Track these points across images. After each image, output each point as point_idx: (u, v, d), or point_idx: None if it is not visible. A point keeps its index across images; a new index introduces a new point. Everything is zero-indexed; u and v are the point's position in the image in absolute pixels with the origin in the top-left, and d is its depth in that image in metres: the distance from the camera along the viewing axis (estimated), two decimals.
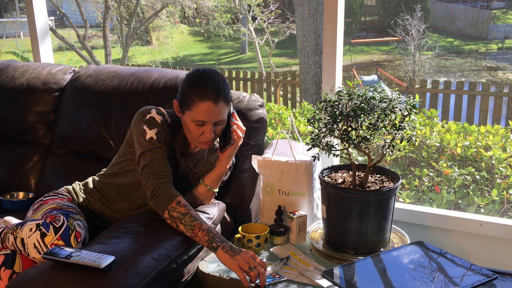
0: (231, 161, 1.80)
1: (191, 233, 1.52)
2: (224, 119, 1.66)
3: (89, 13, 11.52)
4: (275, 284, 1.51)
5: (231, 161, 1.82)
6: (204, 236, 1.51)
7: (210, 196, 1.79)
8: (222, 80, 1.66)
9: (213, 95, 1.60)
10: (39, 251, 1.47)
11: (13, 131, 2.30)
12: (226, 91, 1.65)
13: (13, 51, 9.49)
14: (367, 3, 16.03)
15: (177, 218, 1.54)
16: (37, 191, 2.21)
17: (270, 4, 11.28)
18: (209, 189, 1.77)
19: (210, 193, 1.78)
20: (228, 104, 1.67)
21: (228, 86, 1.68)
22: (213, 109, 1.60)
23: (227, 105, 1.66)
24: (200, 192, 1.77)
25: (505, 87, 6.26)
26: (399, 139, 1.57)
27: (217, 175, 1.77)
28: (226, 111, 1.66)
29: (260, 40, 11.31)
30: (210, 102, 1.60)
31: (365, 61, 12.21)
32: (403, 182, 2.84)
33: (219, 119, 1.64)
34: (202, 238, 1.51)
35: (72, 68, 2.37)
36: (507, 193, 2.62)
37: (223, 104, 1.63)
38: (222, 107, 1.63)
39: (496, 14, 16.27)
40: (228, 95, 1.66)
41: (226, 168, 1.78)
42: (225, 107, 1.65)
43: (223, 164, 1.76)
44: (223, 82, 1.65)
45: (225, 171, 1.79)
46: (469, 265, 1.45)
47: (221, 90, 1.62)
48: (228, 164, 1.77)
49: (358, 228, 1.61)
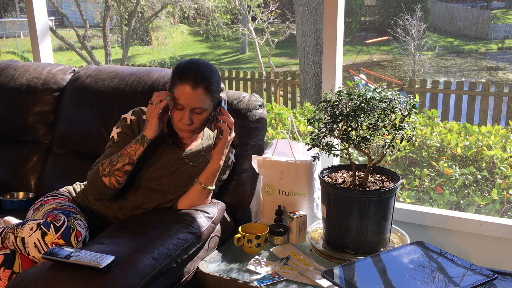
0: (223, 156, 1.74)
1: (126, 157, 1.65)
2: (203, 108, 1.66)
3: (88, 13, 11.52)
4: (275, 284, 1.51)
5: (226, 157, 1.81)
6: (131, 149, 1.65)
7: (206, 194, 1.77)
8: (209, 70, 1.67)
9: (193, 79, 1.63)
10: (39, 250, 1.47)
11: (13, 131, 2.29)
12: (209, 80, 1.65)
13: (13, 51, 9.50)
14: (367, 3, 16.03)
15: (108, 166, 1.65)
16: (37, 191, 2.21)
17: (270, 4, 11.29)
18: (204, 187, 1.74)
19: (206, 191, 1.76)
20: (211, 94, 1.66)
21: (216, 79, 1.68)
22: (190, 93, 1.63)
23: (209, 95, 1.66)
24: (196, 191, 1.75)
25: (505, 87, 6.26)
26: (399, 139, 1.57)
27: (210, 172, 1.74)
28: (207, 101, 1.66)
29: (260, 40, 11.32)
30: (188, 85, 1.63)
31: (365, 61, 12.20)
32: (403, 182, 2.84)
33: (196, 105, 1.64)
34: (132, 150, 1.65)
35: (72, 68, 2.37)
36: (507, 193, 2.62)
37: (202, 92, 1.64)
38: (201, 95, 1.64)
39: (496, 14, 16.27)
40: (212, 86, 1.66)
41: (219, 165, 1.74)
42: (206, 96, 1.65)
43: (215, 160, 1.73)
44: (209, 72, 1.66)
45: (218, 168, 1.75)
46: (469, 265, 1.45)
47: (203, 77, 1.64)
48: (220, 161, 1.73)
49: (358, 228, 1.61)
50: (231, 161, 1.86)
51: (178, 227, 1.59)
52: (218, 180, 1.83)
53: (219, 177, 1.83)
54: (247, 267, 1.62)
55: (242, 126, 1.96)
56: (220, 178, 1.84)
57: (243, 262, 1.66)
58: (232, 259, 1.68)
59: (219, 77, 1.72)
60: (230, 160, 1.85)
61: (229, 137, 1.71)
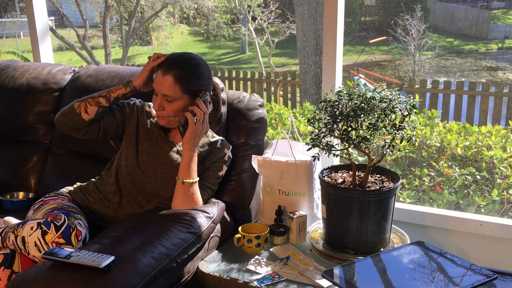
0: (195, 147, 1.70)
1: (105, 91, 1.73)
2: (172, 97, 1.67)
3: (88, 13, 11.52)
4: (275, 284, 1.51)
5: (222, 153, 1.82)
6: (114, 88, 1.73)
7: (187, 188, 1.71)
8: (190, 62, 1.68)
9: (165, 66, 1.67)
10: (39, 249, 1.47)
11: (13, 131, 2.29)
12: (183, 69, 1.66)
13: (13, 51, 9.49)
14: (367, 3, 16.04)
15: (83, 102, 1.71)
16: (37, 191, 2.21)
17: (270, 4, 11.29)
18: (183, 181, 1.70)
19: (186, 185, 1.70)
20: (182, 84, 1.66)
21: (195, 72, 1.68)
22: (160, 78, 1.67)
23: (179, 84, 1.66)
24: (177, 187, 1.72)
25: (505, 87, 6.26)
26: (399, 139, 1.57)
27: (182, 164, 1.71)
28: (176, 90, 1.66)
29: (260, 40, 11.32)
30: (160, 70, 1.68)
31: (365, 61, 12.20)
32: (403, 182, 2.84)
33: (163, 92, 1.67)
34: (113, 88, 1.72)
35: (72, 68, 2.37)
36: (507, 193, 2.63)
37: (171, 79, 1.65)
38: (170, 82, 1.65)
39: (496, 14, 16.28)
40: (185, 76, 1.66)
41: (190, 155, 1.70)
42: (175, 85, 1.66)
43: (184, 151, 1.70)
44: (188, 63, 1.68)
45: (189, 159, 1.70)
46: (469, 265, 1.45)
47: (176, 66, 1.66)
48: (189, 151, 1.69)
49: (358, 228, 1.61)
50: (227, 157, 1.85)
51: (178, 227, 1.59)
52: (215, 176, 1.82)
53: (216, 173, 1.82)
54: (247, 267, 1.63)
55: (242, 126, 1.96)
56: (217, 174, 1.83)
57: (243, 262, 1.66)
58: (232, 259, 1.68)
59: (202, 72, 1.70)
60: (226, 155, 1.85)
61: (195, 127, 1.68)
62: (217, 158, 1.82)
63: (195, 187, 1.73)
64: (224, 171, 1.86)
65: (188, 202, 1.71)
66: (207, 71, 1.74)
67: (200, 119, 1.68)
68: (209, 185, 1.81)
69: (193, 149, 1.71)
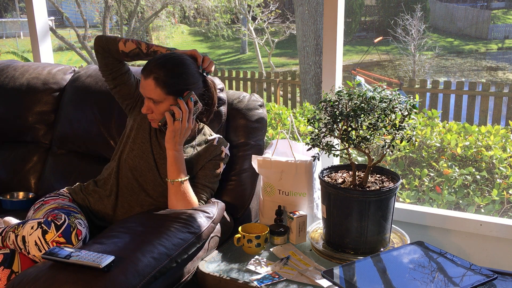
0: (177, 146, 1.70)
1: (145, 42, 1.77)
2: (156, 100, 1.67)
3: (88, 13, 11.52)
4: (275, 284, 1.51)
5: (218, 150, 1.82)
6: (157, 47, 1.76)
7: (177, 188, 1.71)
8: (169, 63, 1.68)
9: (145, 70, 1.68)
10: (40, 249, 1.47)
11: (13, 131, 2.29)
12: (162, 72, 1.66)
13: (13, 51, 9.48)
14: (367, 3, 16.04)
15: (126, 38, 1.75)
16: (37, 191, 2.21)
17: (270, 4, 11.29)
18: (171, 181, 1.71)
19: (175, 184, 1.70)
20: (163, 86, 1.66)
21: (175, 72, 1.67)
22: (143, 82, 1.69)
23: (160, 87, 1.66)
24: (169, 188, 1.73)
25: (505, 87, 6.26)
26: (399, 139, 1.57)
27: (169, 164, 1.71)
28: (158, 92, 1.66)
29: (260, 40, 11.32)
30: (142, 75, 1.69)
31: (365, 61, 12.21)
32: (403, 182, 2.85)
33: (147, 95, 1.69)
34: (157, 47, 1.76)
35: (72, 68, 2.37)
36: (507, 193, 2.63)
37: (152, 82, 1.66)
38: (151, 85, 1.66)
39: (496, 14, 16.27)
40: (164, 78, 1.65)
41: (173, 154, 1.70)
42: (156, 87, 1.66)
43: (167, 151, 1.71)
44: (166, 65, 1.67)
45: (174, 158, 1.70)
46: (469, 265, 1.45)
47: (155, 69, 1.66)
48: (171, 150, 1.70)
49: (358, 228, 1.61)
50: (224, 154, 1.85)
51: (178, 226, 1.59)
52: (213, 174, 1.82)
53: (213, 171, 1.82)
54: (247, 267, 1.63)
55: (242, 126, 1.96)
56: (214, 172, 1.82)
57: (243, 262, 1.66)
58: (232, 259, 1.68)
59: (183, 71, 1.69)
60: (223, 152, 1.84)
61: (174, 126, 1.68)
62: (213, 155, 1.82)
63: (186, 186, 1.72)
64: (221, 168, 1.85)
65: (182, 201, 1.71)
66: (188, 69, 1.70)
67: (179, 118, 1.68)
68: (207, 184, 1.81)
69: (176, 148, 1.71)
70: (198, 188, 1.79)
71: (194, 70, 1.72)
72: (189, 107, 1.70)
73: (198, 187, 1.79)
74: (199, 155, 1.81)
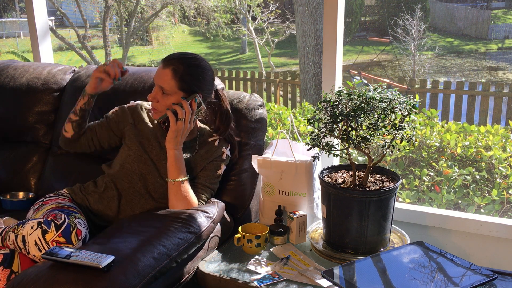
0: (178, 145, 1.72)
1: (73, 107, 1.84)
2: (167, 90, 1.69)
3: (88, 13, 11.52)
4: (275, 284, 1.51)
5: (219, 151, 1.82)
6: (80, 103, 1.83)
7: (177, 187, 1.71)
8: (191, 62, 1.71)
9: (167, 59, 1.72)
10: (39, 249, 1.47)
11: (13, 131, 2.29)
12: (183, 66, 1.68)
13: (13, 51, 9.50)
14: (367, 3, 16.03)
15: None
16: (37, 191, 2.21)
17: (270, 4, 11.29)
18: (172, 181, 1.71)
19: (176, 184, 1.71)
20: (180, 80, 1.68)
21: (195, 72, 1.70)
22: (160, 70, 1.71)
23: (176, 79, 1.68)
24: (169, 188, 1.73)
25: (505, 87, 6.25)
26: (399, 139, 1.57)
27: (170, 163, 1.72)
28: (172, 84, 1.68)
29: (260, 40, 11.32)
30: (162, 63, 1.72)
31: (365, 61, 12.21)
32: (403, 182, 2.85)
33: (160, 84, 1.70)
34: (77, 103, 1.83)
35: (72, 68, 2.37)
36: (507, 193, 2.63)
37: (169, 73, 1.68)
38: (167, 75, 1.68)
39: (496, 14, 16.27)
40: (183, 73, 1.68)
41: (173, 154, 1.71)
42: (172, 79, 1.68)
43: (168, 150, 1.72)
44: (190, 63, 1.70)
45: (174, 158, 1.71)
46: (469, 265, 1.45)
47: (177, 61, 1.69)
48: (171, 150, 1.71)
49: (358, 228, 1.61)
50: (225, 155, 1.85)
51: (178, 226, 1.59)
52: (213, 176, 1.82)
53: (214, 173, 1.82)
54: (247, 267, 1.63)
55: (242, 126, 1.96)
56: (215, 173, 1.82)
57: (243, 262, 1.66)
58: (232, 259, 1.69)
59: (202, 75, 1.72)
60: (224, 154, 1.85)
61: (177, 126, 1.69)
62: (214, 157, 1.82)
63: (186, 185, 1.73)
64: (222, 170, 1.85)
65: (182, 201, 1.72)
66: (208, 75, 1.75)
67: (182, 118, 1.69)
68: (207, 184, 1.81)
69: (177, 147, 1.72)
70: (199, 188, 1.79)
71: (211, 78, 1.77)
72: (192, 108, 1.72)
73: (199, 188, 1.79)
74: (200, 156, 1.81)
